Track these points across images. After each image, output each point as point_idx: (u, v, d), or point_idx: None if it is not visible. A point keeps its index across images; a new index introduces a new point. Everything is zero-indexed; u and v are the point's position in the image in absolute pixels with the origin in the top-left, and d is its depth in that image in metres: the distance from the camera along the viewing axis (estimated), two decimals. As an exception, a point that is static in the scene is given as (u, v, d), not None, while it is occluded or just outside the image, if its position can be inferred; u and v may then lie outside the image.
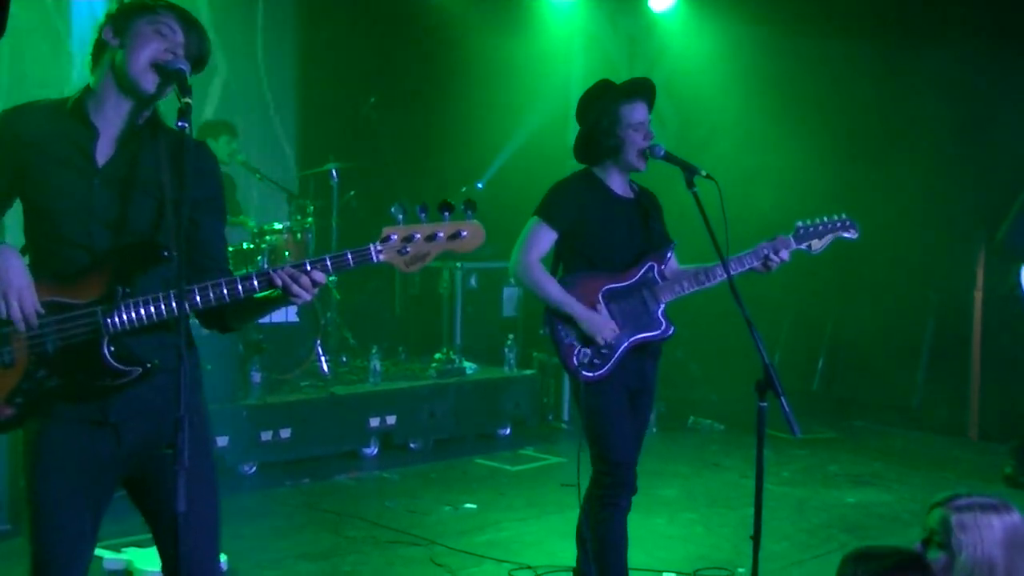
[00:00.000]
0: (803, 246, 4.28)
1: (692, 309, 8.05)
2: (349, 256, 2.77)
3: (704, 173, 4.03)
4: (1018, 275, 6.68)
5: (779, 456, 7.36)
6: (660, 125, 9.26)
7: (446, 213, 2.79)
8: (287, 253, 7.62)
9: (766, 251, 4.21)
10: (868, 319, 8.90)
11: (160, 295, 2.68)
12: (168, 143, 2.80)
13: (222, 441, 6.53)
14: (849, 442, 8.12)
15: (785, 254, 4.22)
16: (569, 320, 4.17)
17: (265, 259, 7.43)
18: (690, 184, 4.02)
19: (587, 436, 4.23)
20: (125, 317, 2.66)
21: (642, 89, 4.26)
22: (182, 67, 2.72)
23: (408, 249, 2.78)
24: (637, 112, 4.19)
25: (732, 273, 4.00)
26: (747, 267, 4.22)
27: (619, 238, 4.26)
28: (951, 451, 7.86)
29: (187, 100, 2.63)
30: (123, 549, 5.03)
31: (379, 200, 9.39)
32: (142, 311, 2.67)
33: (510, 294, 8.97)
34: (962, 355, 8.38)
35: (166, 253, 2.67)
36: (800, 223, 4.28)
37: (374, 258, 2.78)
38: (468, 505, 6.28)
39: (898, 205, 8.42)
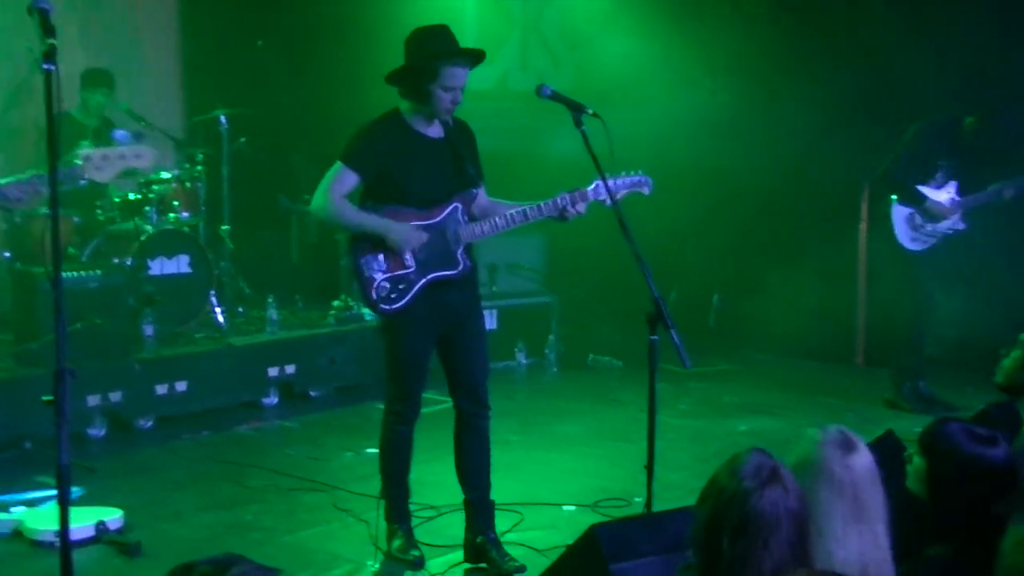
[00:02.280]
0: (600, 199, 4.37)
1: (591, 246, 8.20)
2: None
3: (591, 111, 4.07)
4: (890, 207, 6.91)
5: (676, 389, 7.53)
6: (554, 66, 9.28)
7: None
8: (176, 203, 7.45)
9: (564, 203, 4.35)
10: (761, 253, 9.10)
11: None
12: None
13: (116, 396, 6.43)
14: (743, 373, 8.34)
15: (582, 207, 4.37)
16: (371, 251, 4.21)
17: (154, 209, 7.26)
18: (578, 123, 4.06)
19: (386, 368, 4.56)
20: None
21: (468, 57, 4.31)
22: (45, 6, 2.63)
23: None
24: (454, 76, 4.24)
25: (534, 219, 4.33)
26: (545, 215, 4.36)
27: (424, 180, 4.36)
28: (839, 378, 8.12)
29: (52, 41, 2.54)
30: (12, 509, 4.94)
31: (272, 146, 9.24)
32: None
33: (407, 239, 8.92)
34: (849, 285, 8.64)
35: None
36: (598, 177, 4.34)
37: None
38: (370, 450, 6.25)
39: (788, 144, 8.58)
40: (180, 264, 7.22)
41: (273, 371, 7.24)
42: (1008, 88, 7.18)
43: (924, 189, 6.83)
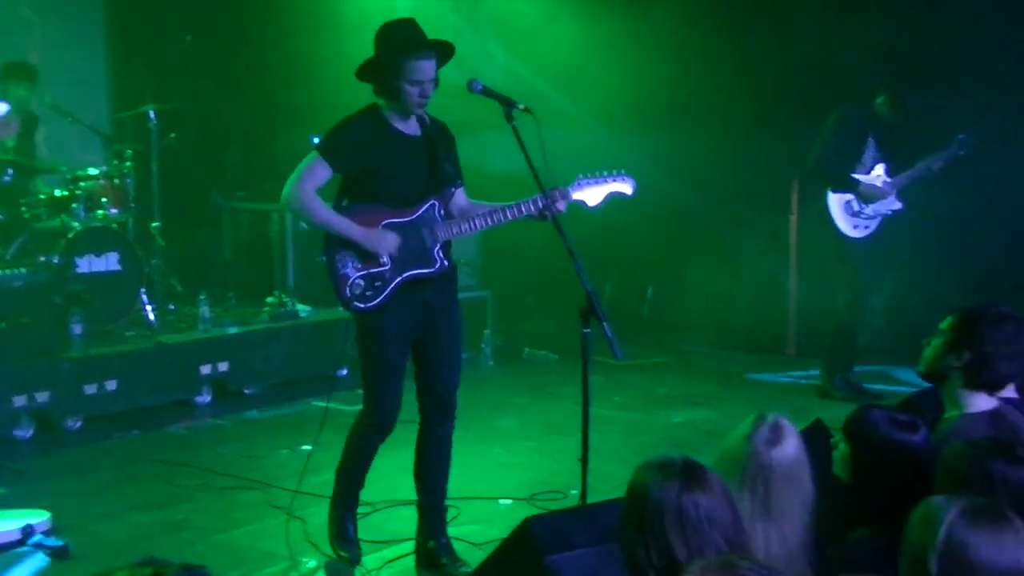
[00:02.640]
0: (579, 200, 4.36)
1: (527, 241, 8.21)
2: None
3: (522, 106, 4.07)
4: (825, 198, 7.02)
5: (611, 381, 7.56)
6: (487, 59, 9.26)
7: None
8: (105, 199, 7.32)
9: (544, 201, 4.25)
10: (693, 246, 9.20)
11: None
12: None
13: (43, 397, 6.31)
14: (678, 365, 8.41)
15: (562, 205, 4.28)
16: (346, 248, 4.19)
17: (82, 206, 7.13)
18: (509, 118, 4.07)
19: (361, 372, 4.43)
20: None
21: (428, 49, 4.23)
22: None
23: None
24: (418, 70, 4.16)
25: (512, 218, 4.22)
26: (524, 213, 4.28)
27: (401, 177, 4.30)
28: (771, 368, 8.22)
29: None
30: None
31: (204, 142, 9.12)
32: None
33: (342, 235, 8.86)
34: (780, 277, 8.77)
35: None
36: (580, 175, 4.37)
37: None
38: (305, 447, 6.23)
39: (720, 136, 8.68)
40: (109, 262, 7.10)
41: (206, 369, 7.16)
42: (929, 74, 7.32)
43: (855, 175, 6.94)
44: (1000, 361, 3.20)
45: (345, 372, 7.98)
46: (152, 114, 7.84)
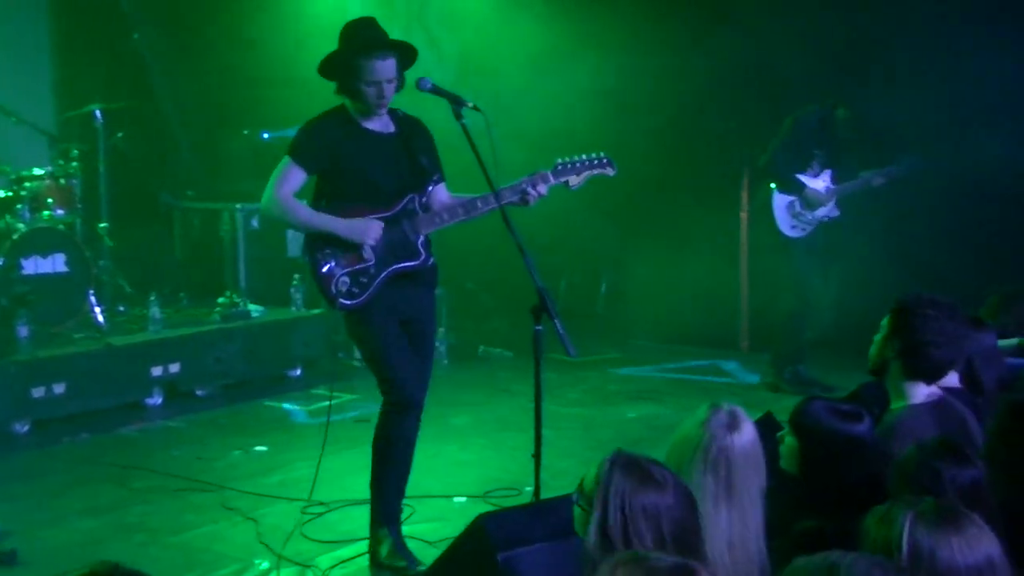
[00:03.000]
0: (561, 181, 4.37)
1: (481, 238, 8.22)
2: None
3: (471, 104, 4.08)
4: (770, 197, 7.11)
5: (565, 378, 7.60)
6: (438, 57, 9.24)
7: None
8: (50, 200, 7.22)
9: (525, 186, 4.29)
10: (646, 242, 9.25)
11: None
12: None
13: (-11, 401, 6.21)
14: (632, 361, 8.46)
15: (544, 189, 4.30)
16: (329, 245, 4.17)
17: (26, 207, 7.03)
18: (458, 116, 4.07)
19: (367, 364, 4.36)
20: None
21: (384, 49, 4.20)
22: None
23: None
24: (374, 71, 4.15)
25: (494, 206, 4.12)
26: (506, 201, 4.24)
27: (376, 175, 4.29)
28: (724, 363, 8.31)
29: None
30: None
31: (152, 142, 9.02)
32: None
33: (295, 234, 8.78)
34: (732, 272, 8.84)
35: None
36: (559, 160, 4.38)
37: None
38: (259, 448, 6.21)
39: (671, 134, 8.73)
40: (55, 263, 7.00)
41: (157, 370, 7.08)
42: (877, 74, 7.42)
43: (802, 178, 7.04)
44: (932, 349, 3.26)
45: (299, 372, 7.96)
46: (98, 113, 7.74)
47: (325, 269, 4.18)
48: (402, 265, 4.27)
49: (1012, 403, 2.86)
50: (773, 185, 7.07)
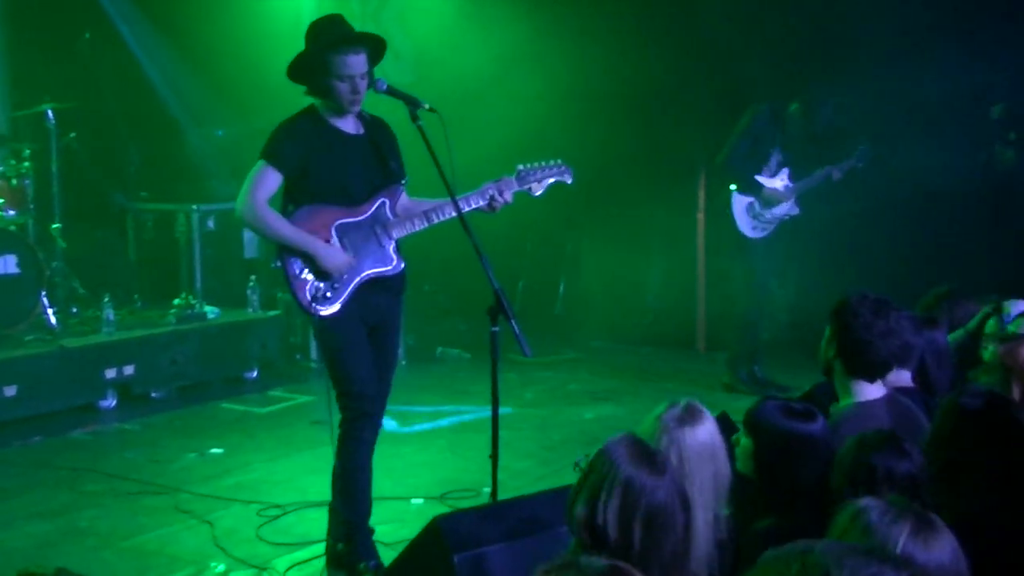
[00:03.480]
0: (525, 188, 4.40)
1: (439, 240, 8.20)
2: None
3: (427, 106, 4.07)
4: (729, 198, 7.16)
5: (523, 379, 7.62)
6: (395, 58, 9.22)
7: None
8: (2, 200, 7.12)
9: (491, 191, 4.30)
10: (603, 243, 9.29)
11: None
12: None
13: (-62, 404, 6.10)
14: (589, 361, 8.49)
15: (509, 195, 4.32)
16: (303, 253, 4.14)
17: (-23, 208, 6.92)
18: (414, 118, 4.06)
19: (329, 372, 4.27)
20: None
21: (355, 43, 4.18)
22: None
23: None
24: (346, 65, 4.12)
25: (463, 211, 4.09)
26: (473, 206, 4.27)
27: (348, 177, 4.25)
28: (681, 363, 8.36)
29: None
30: None
31: (105, 142, 8.91)
32: None
33: (251, 235, 8.73)
34: (690, 273, 8.90)
35: None
36: (520, 166, 4.41)
37: None
38: (215, 450, 6.16)
39: (629, 133, 8.77)
40: (7, 264, 6.90)
41: (110, 373, 7.01)
42: (830, 72, 7.50)
43: (759, 177, 7.09)
44: (866, 346, 3.30)
45: (255, 374, 7.91)
46: (50, 113, 7.63)
47: (299, 274, 4.14)
48: (375, 271, 4.24)
49: (953, 405, 2.87)
50: (733, 187, 7.11)
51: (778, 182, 7.13)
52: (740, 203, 7.12)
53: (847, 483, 2.63)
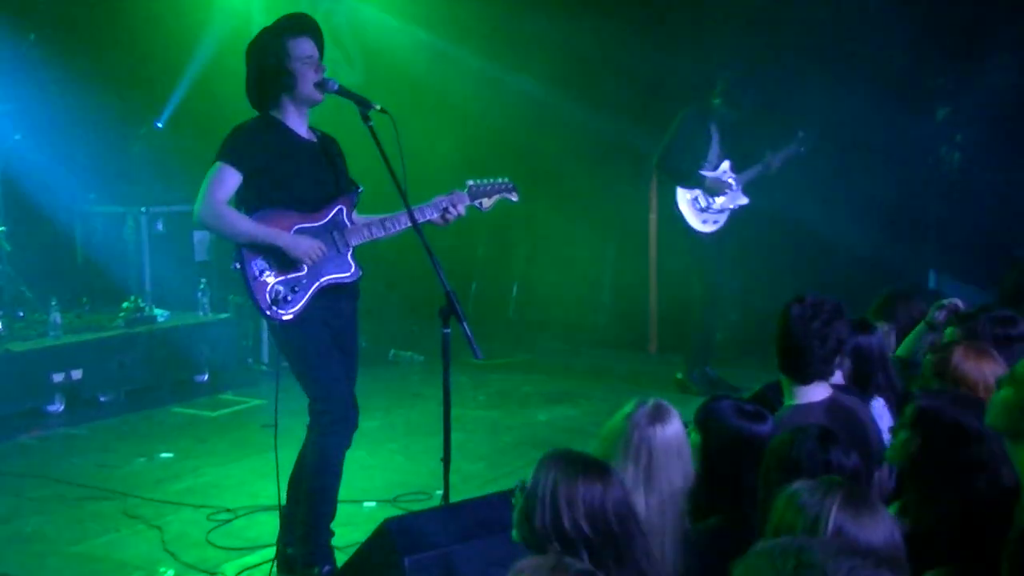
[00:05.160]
0: (475, 203, 4.42)
1: (392, 241, 8.18)
2: None
3: (378, 107, 4.06)
4: (674, 195, 7.21)
5: (475, 381, 7.62)
6: (347, 64, 9.20)
7: None
8: (-55, 203, 7.01)
9: (444, 204, 4.31)
10: (556, 246, 9.32)
11: None
12: None
13: None
14: (542, 363, 8.50)
15: (462, 208, 4.35)
16: (263, 254, 4.10)
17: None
18: (365, 118, 4.05)
19: (297, 378, 4.24)
20: None
21: (305, 24, 4.22)
22: None
23: None
24: (304, 46, 4.14)
25: (416, 222, 4.10)
26: (427, 218, 4.28)
27: (307, 180, 4.23)
28: (633, 365, 8.40)
29: None
30: None
31: (51, 144, 8.78)
32: None
33: (201, 238, 8.67)
34: (641, 274, 8.95)
35: None
36: (471, 181, 4.42)
37: None
38: (164, 454, 6.10)
39: (582, 136, 8.82)
40: (-48, 269, 6.79)
41: (58, 376, 6.91)
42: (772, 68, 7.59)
43: (702, 171, 7.14)
44: (802, 350, 3.33)
45: (205, 377, 7.84)
46: (-5, 115, 7.53)
47: (260, 277, 4.09)
48: (334, 277, 4.21)
49: (919, 410, 2.81)
50: (673, 182, 7.17)
51: (722, 173, 7.18)
52: (684, 198, 7.15)
53: (780, 473, 2.65)
